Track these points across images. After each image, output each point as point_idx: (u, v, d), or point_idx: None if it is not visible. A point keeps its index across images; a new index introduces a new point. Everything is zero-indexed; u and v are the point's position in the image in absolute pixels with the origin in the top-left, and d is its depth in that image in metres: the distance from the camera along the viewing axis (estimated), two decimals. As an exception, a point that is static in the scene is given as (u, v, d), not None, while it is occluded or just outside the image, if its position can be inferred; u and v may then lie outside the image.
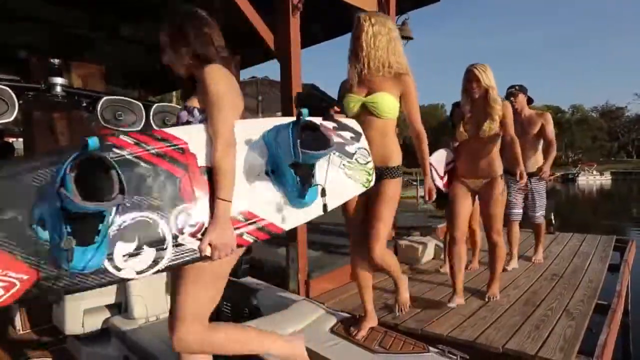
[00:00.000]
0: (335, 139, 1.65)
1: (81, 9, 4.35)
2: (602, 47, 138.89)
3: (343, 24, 1.95)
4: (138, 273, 1.27)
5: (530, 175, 3.79)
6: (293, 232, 3.26)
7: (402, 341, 2.02)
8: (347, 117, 2.06)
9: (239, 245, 1.43)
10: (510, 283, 3.50)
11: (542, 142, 3.93)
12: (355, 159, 1.81)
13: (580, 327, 2.60)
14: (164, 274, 2.78)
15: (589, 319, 2.74)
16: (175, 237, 1.32)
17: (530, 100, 4.04)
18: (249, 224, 1.45)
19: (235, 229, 1.41)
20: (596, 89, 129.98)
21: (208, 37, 1.52)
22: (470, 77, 2.89)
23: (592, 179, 39.93)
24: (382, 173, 2.05)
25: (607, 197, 26.93)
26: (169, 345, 1.49)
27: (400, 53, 2.12)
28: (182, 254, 1.33)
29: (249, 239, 1.45)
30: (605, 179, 40.92)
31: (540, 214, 4.10)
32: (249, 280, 2.65)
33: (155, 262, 1.29)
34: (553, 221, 5.78)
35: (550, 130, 3.91)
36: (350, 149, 1.81)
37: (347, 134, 1.86)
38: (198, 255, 1.36)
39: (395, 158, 2.10)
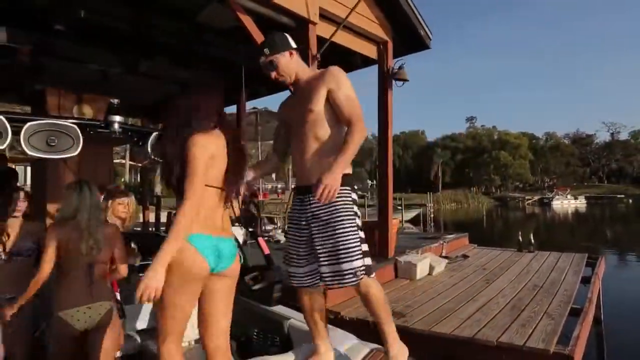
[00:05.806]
0: None
1: (103, 47, 4.82)
2: (572, 75, 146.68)
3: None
4: None
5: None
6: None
7: None
8: None
9: None
10: (498, 293, 4.04)
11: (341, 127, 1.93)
12: None
13: (558, 325, 3.13)
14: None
15: (565, 320, 3.27)
16: None
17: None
18: None
19: None
20: (567, 117, 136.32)
21: None
22: None
23: (566, 203, 41.59)
24: None
25: (582, 221, 27.92)
26: None
27: None
28: None
29: None
30: (580, 203, 42.67)
31: (352, 268, 1.87)
32: (280, 308, 2.59)
33: None
34: (532, 241, 6.41)
35: (345, 99, 1.88)
36: None
37: None
38: None
39: None
